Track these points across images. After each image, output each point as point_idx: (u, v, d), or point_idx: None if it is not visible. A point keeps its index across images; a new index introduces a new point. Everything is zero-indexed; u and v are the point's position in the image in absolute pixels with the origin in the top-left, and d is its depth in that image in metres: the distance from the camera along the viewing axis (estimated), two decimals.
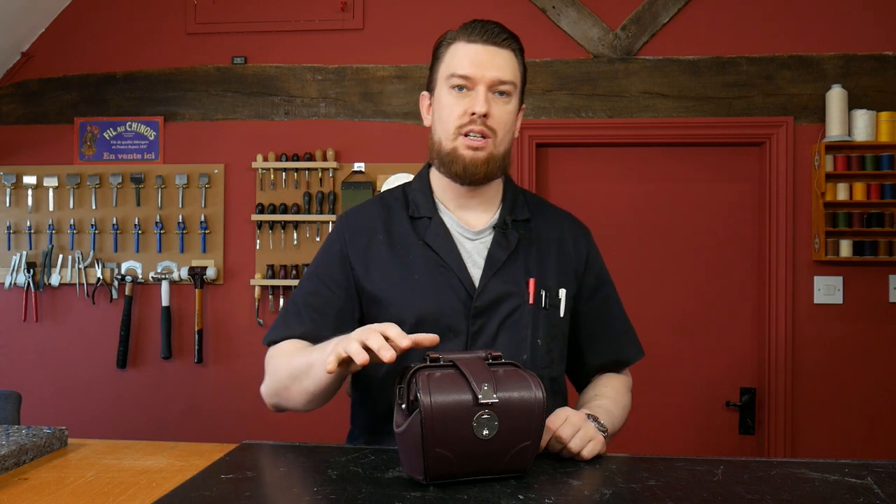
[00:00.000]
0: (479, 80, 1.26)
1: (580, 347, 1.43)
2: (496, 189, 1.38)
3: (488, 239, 1.34)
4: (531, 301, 1.31)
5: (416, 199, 1.38)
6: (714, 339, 3.02)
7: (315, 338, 1.28)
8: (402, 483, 0.99)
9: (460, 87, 1.27)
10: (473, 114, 1.26)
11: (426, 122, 1.38)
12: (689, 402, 3.02)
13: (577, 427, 1.14)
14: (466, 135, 1.27)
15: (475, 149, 1.28)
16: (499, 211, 1.37)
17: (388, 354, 0.97)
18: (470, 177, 1.30)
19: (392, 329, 1.01)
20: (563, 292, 1.35)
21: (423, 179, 1.41)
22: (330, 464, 1.08)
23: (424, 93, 1.39)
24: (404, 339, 1.00)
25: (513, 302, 1.30)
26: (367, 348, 1.00)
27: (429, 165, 1.41)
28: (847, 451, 2.87)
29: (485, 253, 1.33)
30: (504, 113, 1.29)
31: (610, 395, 1.38)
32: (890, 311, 2.89)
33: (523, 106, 1.38)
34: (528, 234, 1.37)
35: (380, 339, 0.99)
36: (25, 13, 3.05)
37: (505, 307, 1.30)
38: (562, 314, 1.35)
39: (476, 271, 1.31)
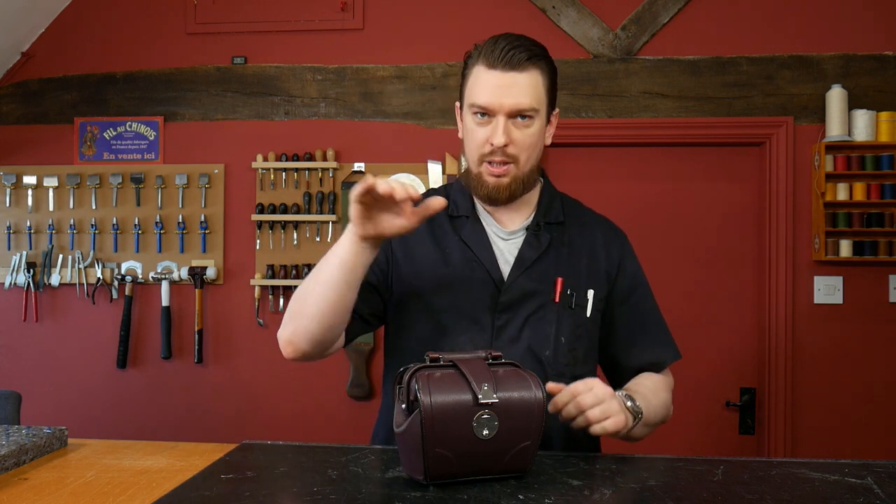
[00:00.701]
0: (498, 111, 1.28)
1: (615, 350, 1.46)
2: (532, 193, 1.42)
3: (520, 239, 1.39)
4: (557, 299, 1.35)
5: (457, 198, 1.43)
6: (714, 339, 3.02)
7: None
8: (402, 483, 0.99)
9: (482, 114, 1.30)
10: (493, 144, 1.29)
11: (460, 134, 1.42)
12: (689, 402, 3.01)
13: (601, 399, 1.15)
14: (490, 162, 1.31)
15: (498, 176, 1.32)
16: (533, 214, 1.41)
17: (413, 192, 1.10)
18: (493, 202, 1.36)
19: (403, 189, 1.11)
20: (591, 293, 1.38)
21: (462, 180, 1.45)
22: (330, 464, 1.08)
23: (458, 103, 1.42)
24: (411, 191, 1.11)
25: (539, 299, 1.34)
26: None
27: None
28: (847, 451, 2.87)
29: (516, 252, 1.37)
30: (526, 137, 1.31)
31: (649, 385, 1.39)
32: (890, 311, 2.89)
33: (556, 111, 1.41)
34: (561, 237, 1.41)
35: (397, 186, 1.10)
36: (25, 13, 3.05)
37: (531, 304, 1.33)
38: (588, 314, 1.38)
39: (507, 268, 1.35)
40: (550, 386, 1.16)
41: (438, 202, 1.15)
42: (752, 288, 3.01)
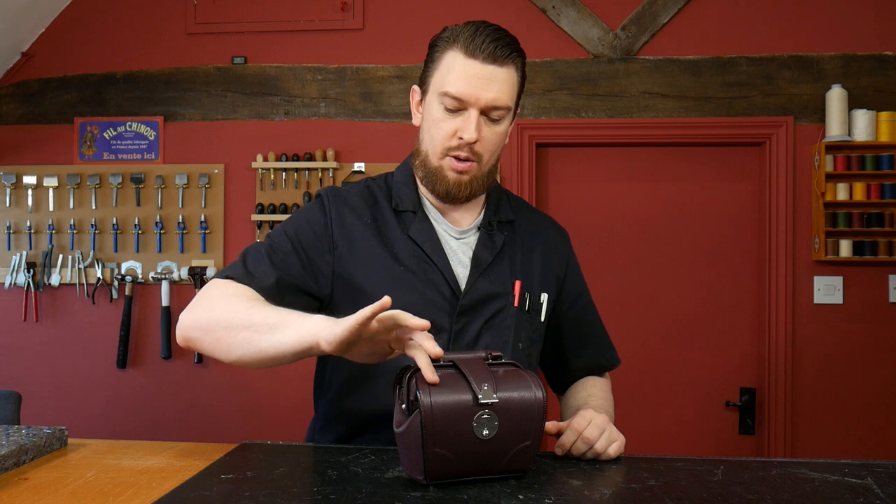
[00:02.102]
0: (473, 104, 1.21)
1: (564, 351, 1.44)
2: None
3: (473, 239, 1.33)
4: (516, 303, 1.31)
5: (401, 191, 1.34)
6: (714, 339, 3.01)
7: (269, 294, 1.19)
8: (402, 483, 0.99)
9: (453, 104, 1.22)
10: (462, 138, 1.22)
11: (415, 121, 1.33)
12: (689, 402, 3.02)
13: (602, 429, 1.14)
14: (455, 157, 1.24)
15: (460, 171, 1.25)
16: (483, 211, 1.35)
17: (431, 376, 0.95)
18: (452, 198, 1.28)
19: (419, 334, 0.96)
20: (544, 297, 1.35)
21: (406, 172, 1.36)
22: (330, 464, 1.08)
23: (415, 87, 1.32)
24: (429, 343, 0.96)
25: (498, 303, 1.29)
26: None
27: (413, 153, 1.37)
28: (847, 451, 2.87)
29: (469, 252, 1.31)
30: (494, 135, 1.25)
31: (602, 395, 1.39)
32: (890, 311, 2.89)
33: (518, 110, 1.33)
34: (513, 236, 1.36)
35: (426, 352, 0.95)
36: (25, 13, 3.05)
37: (490, 308, 1.29)
38: (542, 318, 1.35)
39: (461, 270, 1.30)
40: (549, 426, 1.15)
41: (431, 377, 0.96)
42: (752, 288, 3.01)
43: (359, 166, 3.04)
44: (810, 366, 2.91)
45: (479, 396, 0.95)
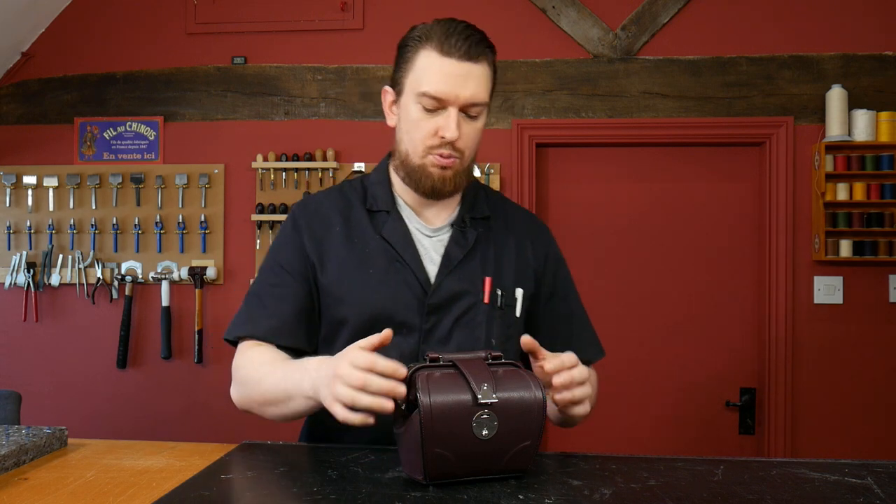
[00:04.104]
0: (452, 102, 1.22)
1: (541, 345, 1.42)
2: None
3: (446, 236, 1.33)
4: (486, 300, 1.30)
5: (375, 192, 1.36)
6: (714, 339, 3.02)
7: (282, 333, 1.27)
8: (402, 483, 0.99)
9: (431, 103, 1.22)
10: (444, 137, 1.22)
11: (390, 122, 1.33)
12: (689, 402, 3.02)
13: (585, 379, 1.10)
14: (438, 155, 1.25)
15: (443, 167, 1.26)
16: (458, 208, 1.36)
17: (388, 405, 0.97)
18: (437, 194, 1.30)
19: (371, 360, 0.98)
20: (519, 292, 1.34)
21: (382, 172, 1.38)
22: (330, 464, 1.08)
23: (387, 88, 1.32)
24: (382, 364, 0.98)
25: (468, 300, 1.29)
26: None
27: (389, 155, 1.39)
28: (847, 451, 2.87)
29: (442, 250, 1.32)
30: (473, 131, 1.26)
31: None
32: (890, 311, 2.89)
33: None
34: (487, 233, 1.36)
35: (369, 397, 0.97)
36: (25, 13, 3.05)
37: (459, 305, 1.29)
38: (518, 314, 1.34)
39: (432, 268, 1.30)
40: (526, 339, 1.10)
41: (381, 338, 1.03)
42: (752, 288, 3.01)
43: (359, 166, 3.04)
44: (810, 366, 2.91)
45: (479, 396, 0.95)
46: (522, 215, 1.45)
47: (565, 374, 1.08)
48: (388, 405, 0.96)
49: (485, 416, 0.95)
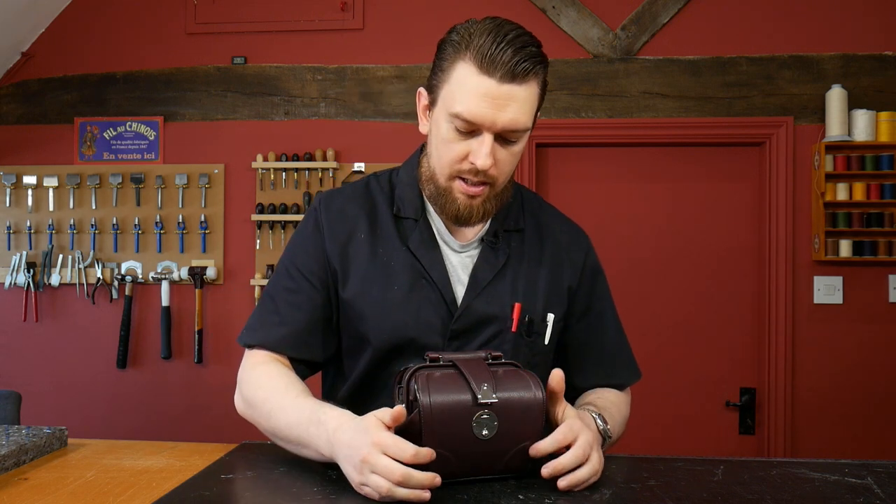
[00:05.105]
0: (489, 128, 1.06)
1: (567, 368, 1.21)
2: None
3: (475, 252, 1.21)
4: (514, 328, 1.19)
5: (404, 194, 1.22)
6: (714, 340, 3.01)
7: (293, 345, 1.19)
8: None
9: (465, 126, 1.08)
10: (474, 164, 1.09)
11: (422, 129, 1.19)
12: (689, 402, 3.01)
13: (582, 459, 0.96)
14: (464, 179, 1.12)
15: (472, 196, 1.13)
16: (490, 220, 1.21)
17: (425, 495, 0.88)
18: (462, 222, 1.17)
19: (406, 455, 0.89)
20: (550, 317, 1.22)
21: (412, 170, 1.24)
22: (330, 464, 1.08)
23: (422, 91, 1.18)
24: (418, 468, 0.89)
25: (495, 327, 1.18)
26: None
27: (422, 149, 1.24)
28: (847, 451, 2.87)
29: (470, 267, 1.20)
30: (510, 156, 1.12)
31: (612, 399, 1.25)
32: (890, 311, 2.89)
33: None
34: (521, 247, 1.23)
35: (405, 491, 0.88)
36: (25, 13, 3.05)
37: (486, 332, 1.18)
38: (546, 341, 1.22)
39: (459, 288, 1.19)
40: (554, 379, 1.00)
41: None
42: (752, 288, 3.01)
43: (359, 166, 3.04)
44: (810, 366, 2.91)
45: (479, 396, 0.95)
46: (559, 224, 1.31)
47: (551, 465, 0.95)
48: (427, 496, 0.88)
49: (485, 416, 0.95)
